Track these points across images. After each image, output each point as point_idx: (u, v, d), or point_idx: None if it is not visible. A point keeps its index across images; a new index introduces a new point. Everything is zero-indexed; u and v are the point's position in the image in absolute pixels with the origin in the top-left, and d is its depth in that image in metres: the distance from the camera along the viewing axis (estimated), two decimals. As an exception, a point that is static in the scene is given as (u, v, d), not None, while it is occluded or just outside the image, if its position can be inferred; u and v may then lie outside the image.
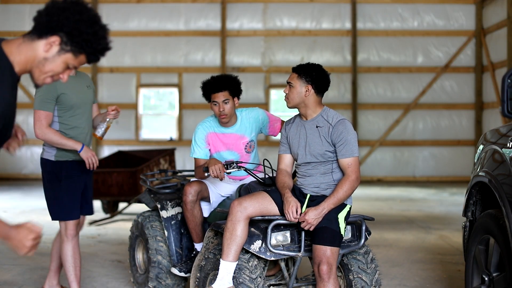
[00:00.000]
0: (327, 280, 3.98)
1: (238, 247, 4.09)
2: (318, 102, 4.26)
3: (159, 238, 5.21)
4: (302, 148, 4.26)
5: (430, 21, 16.58)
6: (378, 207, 11.37)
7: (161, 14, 16.64)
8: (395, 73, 16.56)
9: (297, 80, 4.23)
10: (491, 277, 4.13)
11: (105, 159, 10.54)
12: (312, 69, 4.23)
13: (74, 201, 4.91)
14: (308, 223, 4.04)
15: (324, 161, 4.21)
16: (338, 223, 4.09)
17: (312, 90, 4.21)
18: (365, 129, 16.59)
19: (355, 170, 4.13)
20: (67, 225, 4.92)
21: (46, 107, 4.76)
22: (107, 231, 8.92)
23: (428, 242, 7.92)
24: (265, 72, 16.61)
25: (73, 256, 4.94)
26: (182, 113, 16.68)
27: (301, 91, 4.21)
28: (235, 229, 4.08)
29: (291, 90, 4.24)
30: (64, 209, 4.89)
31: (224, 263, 4.09)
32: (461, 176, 16.02)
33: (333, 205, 4.08)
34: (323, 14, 16.65)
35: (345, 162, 4.15)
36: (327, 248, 4.01)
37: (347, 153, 4.14)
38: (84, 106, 4.92)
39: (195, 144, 4.89)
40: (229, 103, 4.78)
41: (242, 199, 4.17)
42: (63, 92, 4.81)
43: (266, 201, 4.21)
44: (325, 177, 4.22)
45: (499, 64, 14.99)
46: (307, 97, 4.21)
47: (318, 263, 4.01)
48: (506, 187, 3.93)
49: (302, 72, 4.23)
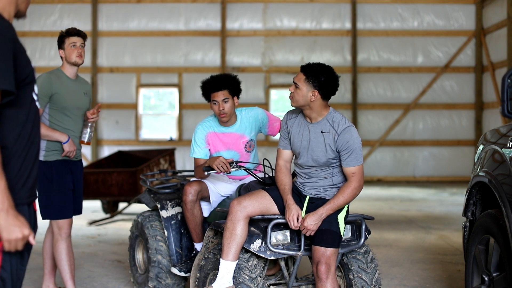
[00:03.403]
0: (325, 280, 3.98)
1: (238, 246, 4.09)
2: (324, 106, 4.12)
3: (159, 237, 5.21)
4: (304, 150, 4.18)
5: (430, 21, 16.58)
6: (378, 207, 11.36)
7: (161, 14, 16.64)
8: (395, 73, 16.56)
9: (304, 83, 4.05)
10: (491, 277, 4.13)
11: (105, 159, 10.54)
12: (321, 73, 4.03)
13: (66, 200, 4.96)
14: (307, 229, 4.04)
15: (325, 167, 4.17)
16: (338, 224, 4.09)
17: (318, 95, 4.05)
18: (365, 129, 16.58)
19: (359, 179, 4.08)
20: (61, 224, 4.96)
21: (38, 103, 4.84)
22: (107, 231, 8.91)
23: (428, 242, 7.92)
24: (265, 72, 16.61)
25: (67, 255, 4.98)
26: (182, 113, 16.67)
27: (307, 95, 4.04)
28: (235, 229, 4.08)
29: (296, 91, 4.08)
30: (56, 208, 4.93)
31: (224, 263, 4.09)
32: (461, 176, 16.02)
33: (332, 210, 4.04)
34: (323, 14, 16.65)
35: (349, 170, 4.09)
36: (327, 249, 4.01)
37: (352, 162, 4.07)
38: (76, 111, 5.01)
39: (195, 144, 4.89)
40: (228, 102, 4.78)
41: (241, 198, 4.16)
42: (57, 92, 4.88)
43: (266, 200, 4.19)
44: (325, 181, 4.20)
45: (499, 64, 14.99)
46: (313, 102, 4.06)
47: (317, 263, 4.01)
48: (506, 187, 3.92)
49: (311, 75, 4.03)
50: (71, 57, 4.98)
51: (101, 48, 16.61)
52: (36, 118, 2.47)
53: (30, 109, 2.44)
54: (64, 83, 4.98)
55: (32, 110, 2.45)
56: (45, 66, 15.92)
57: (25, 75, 2.39)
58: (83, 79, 5.24)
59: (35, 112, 2.47)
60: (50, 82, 4.87)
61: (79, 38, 4.99)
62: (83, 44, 5.02)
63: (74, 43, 4.97)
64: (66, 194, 4.96)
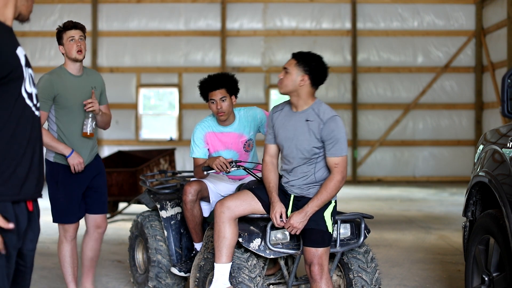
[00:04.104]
0: (319, 280, 3.96)
1: (228, 248, 4.07)
2: (311, 94, 4.11)
3: (158, 237, 5.21)
4: (289, 141, 4.13)
5: (430, 21, 16.58)
6: (378, 207, 11.36)
7: (161, 14, 16.64)
8: (395, 73, 16.56)
9: (294, 67, 4.06)
10: (491, 277, 4.13)
11: (105, 159, 10.54)
12: (312, 59, 4.06)
13: (70, 205, 4.85)
14: (293, 227, 4.01)
15: (308, 159, 4.10)
16: (324, 221, 4.05)
17: (308, 80, 4.04)
18: (365, 129, 16.59)
19: (342, 171, 4.03)
20: (66, 227, 4.90)
21: (41, 107, 4.66)
22: (107, 231, 8.90)
23: (428, 242, 7.92)
24: (265, 72, 16.61)
25: (71, 257, 4.93)
26: (182, 113, 16.67)
27: (296, 79, 4.04)
28: (221, 231, 4.06)
29: (286, 76, 4.07)
30: (60, 212, 4.86)
31: (218, 266, 4.08)
32: (461, 176, 16.02)
33: (317, 207, 4.01)
34: (323, 14, 16.65)
35: (332, 161, 4.04)
36: (317, 249, 3.98)
37: (336, 152, 4.03)
38: (82, 107, 4.82)
39: (194, 144, 4.89)
40: (226, 101, 4.78)
41: (224, 199, 4.14)
42: (59, 93, 4.75)
43: (250, 198, 4.16)
44: (307, 178, 4.14)
45: (499, 64, 14.99)
46: (301, 87, 4.05)
47: (309, 264, 3.99)
48: (506, 187, 3.92)
49: (302, 59, 4.05)
50: (71, 53, 4.78)
51: (101, 48, 16.60)
52: (24, 116, 2.43)
53: (14, 107, 2.39)
54: (67, 81, 4.82)
55: (16, 109, 2.40)
56: (45, 66, 15.92)
57: (6, 73, 2.34)
58: (91, 71, 5.03)
59: (22, 110, 2.42)
60: (50, 84, 4.73)
61: (77, 31, 4.78)
62: (82, 36, 4.80)
63: (72, 37, 4.77)
64: (70, 199, 4.83)
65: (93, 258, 5.08)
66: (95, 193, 4.97)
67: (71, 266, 4.93)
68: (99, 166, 5.03)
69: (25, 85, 2.44)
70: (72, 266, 4.93)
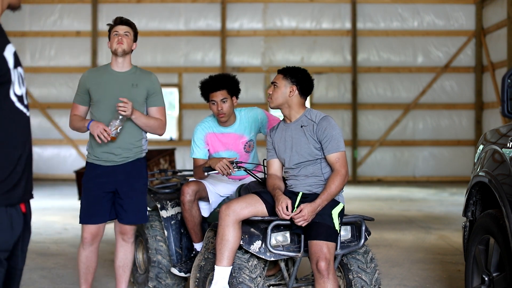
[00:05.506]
0: (326, 276, 3.95)
1: (230, 251, 4.08)
2: (301, 104, 4.31)
3: (159, 237, 5.21)
4: (289, 150, 4.27)
5: (430, 21, 16.58)
6: (378, 207, 11.36)
7: (161, 14, 16.64)
8: (395, 73, 16.56)
9: (282, 80, 4.29)
10: (491, 277, 4.13)
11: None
12: (298, 71, 4.32)
13: (90, 207, 4.72)
14: (303, 218, 4.02)
15: (313, 160, 4.21)
16: (332, 218, 4.07)
17: (296, 91, 4.26)
18: (365, 129, 16.59)
19: (344, 165, 4.16)
20: (82, 228, 4.82)
21: (75, 99, 4.83)
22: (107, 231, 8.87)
23: (428, 242, 7.92)
24: (265, 72, 16.61)
25: (85, 263, 4.82)
26: (182, 113, 16.67)
27: (286, 91, 4.25)
28: (225, 234, 4.07)
29: (275, 90, 4.28)
30: (81, 212, 4.78)
31: (218, 268, 4.08)
32: (461, 176, 16.02)
33: (327, 200, 4.08)
34: (323, 14, 16.65)
35: (332, 157, 4.17)
36: (323, 243, 3.98)
37: (333, 148, 4.16)
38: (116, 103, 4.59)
39: (194, 144, 4.90)
40: (227, 102, 4.78)
41: (230, 202, 4.16)
42: (90, 86, 4.77)
43: (256, 202, 4.18)
44: (316, 178, 4.22)
45: (499, 64, 14.99)
46: (291, 97, 4.25)
47: (316, 260, 3.97)
48: (506, 187, 3.92)
49: (288, 73, 4.30)
50: (112, 46, 4.81)
51: (101, 48, 16.60)
52: (13, 120, 2.35)
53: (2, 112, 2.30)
54: (103, 76, 4.79)
55: (5, 113, 2.32)
56: (45, 66, 15.91)
57: None
58: (143, 71, 4.94)
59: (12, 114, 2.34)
60: (84, 78, 4.79)
61: (122, 27, 4.79)
62: (127, 32, 4.79)
63: (117, 32, 4.79)
64: (90, 200, 4.71)
65: (120, 266, 4.91)
66: (119, 199, 4.77)
67: (84, 272, 4.84)
68: (128, 170, 4.79)
69: (13, 88, 2.34)
70: (85, 271, 4.83)
